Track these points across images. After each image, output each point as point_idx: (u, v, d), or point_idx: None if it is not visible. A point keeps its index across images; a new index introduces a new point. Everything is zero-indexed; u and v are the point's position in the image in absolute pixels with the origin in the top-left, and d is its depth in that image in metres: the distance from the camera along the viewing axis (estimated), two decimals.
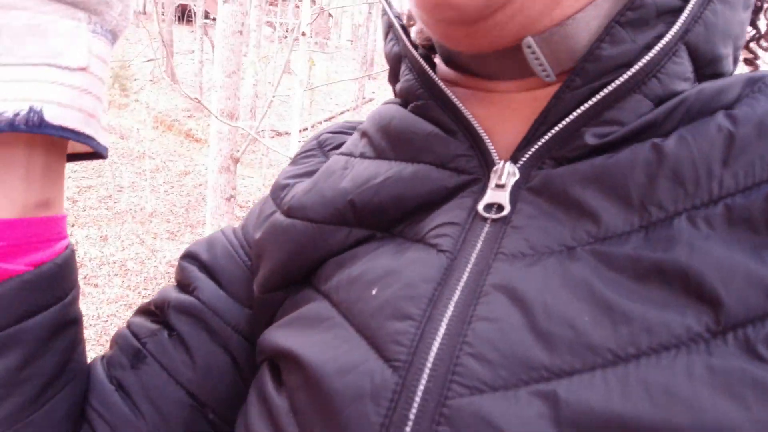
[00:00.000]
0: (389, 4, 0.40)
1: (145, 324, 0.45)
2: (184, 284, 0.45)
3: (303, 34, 1.54)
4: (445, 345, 0.28)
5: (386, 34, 0.40)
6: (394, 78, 0.41)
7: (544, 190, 0.31)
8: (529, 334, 0.26)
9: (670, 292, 0.26)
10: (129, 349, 0.43)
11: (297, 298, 0.38)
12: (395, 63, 0.40)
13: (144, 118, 10.36)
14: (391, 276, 0.32)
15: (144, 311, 0.47)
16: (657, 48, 0.29)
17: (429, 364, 0.27)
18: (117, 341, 0.44)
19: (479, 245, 0.30)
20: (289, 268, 0.39)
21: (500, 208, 0.31)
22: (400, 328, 0.29)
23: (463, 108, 0.34)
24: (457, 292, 0.29)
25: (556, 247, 0.29)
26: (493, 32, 0.31)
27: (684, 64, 0.30)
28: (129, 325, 0.46)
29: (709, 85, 0.30)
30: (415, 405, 0.27)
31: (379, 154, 0.38)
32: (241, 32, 3.04)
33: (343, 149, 0.42)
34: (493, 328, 0.27)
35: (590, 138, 0.30)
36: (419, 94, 0.37)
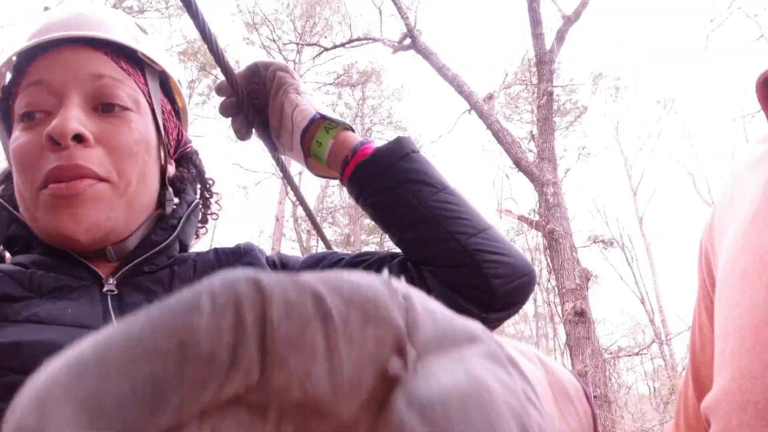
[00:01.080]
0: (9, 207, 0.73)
1: None
2: None
3: None
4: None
5: (8, 225, 0.73)
6: (26, 249, 0.72)
7: (132, 285, 0.70)
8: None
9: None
10: None
11: None
12: (24, 240, 0.72)
13: None
14: (74, 306, 0.63)
15: None
16: (170, 239, 0.74)
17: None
18: None
19: (110, 303, 0.66)
20: None
21: (112, 291, 0.68)
22: (95, 322, 0.61)
23: (85, 261, 0.70)
24: (112, 315, 0.64)
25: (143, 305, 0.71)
26: (94, 246, 0.68)
27: (177, 246, 0.77)
28: None
29: (183, 254, 0.78)
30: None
31: (41, 268, 0.68)
32: None
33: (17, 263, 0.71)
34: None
35: (147, 268, 0.72)
36: (52, 252, 0.69)
